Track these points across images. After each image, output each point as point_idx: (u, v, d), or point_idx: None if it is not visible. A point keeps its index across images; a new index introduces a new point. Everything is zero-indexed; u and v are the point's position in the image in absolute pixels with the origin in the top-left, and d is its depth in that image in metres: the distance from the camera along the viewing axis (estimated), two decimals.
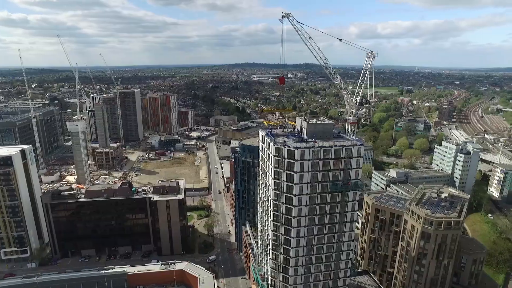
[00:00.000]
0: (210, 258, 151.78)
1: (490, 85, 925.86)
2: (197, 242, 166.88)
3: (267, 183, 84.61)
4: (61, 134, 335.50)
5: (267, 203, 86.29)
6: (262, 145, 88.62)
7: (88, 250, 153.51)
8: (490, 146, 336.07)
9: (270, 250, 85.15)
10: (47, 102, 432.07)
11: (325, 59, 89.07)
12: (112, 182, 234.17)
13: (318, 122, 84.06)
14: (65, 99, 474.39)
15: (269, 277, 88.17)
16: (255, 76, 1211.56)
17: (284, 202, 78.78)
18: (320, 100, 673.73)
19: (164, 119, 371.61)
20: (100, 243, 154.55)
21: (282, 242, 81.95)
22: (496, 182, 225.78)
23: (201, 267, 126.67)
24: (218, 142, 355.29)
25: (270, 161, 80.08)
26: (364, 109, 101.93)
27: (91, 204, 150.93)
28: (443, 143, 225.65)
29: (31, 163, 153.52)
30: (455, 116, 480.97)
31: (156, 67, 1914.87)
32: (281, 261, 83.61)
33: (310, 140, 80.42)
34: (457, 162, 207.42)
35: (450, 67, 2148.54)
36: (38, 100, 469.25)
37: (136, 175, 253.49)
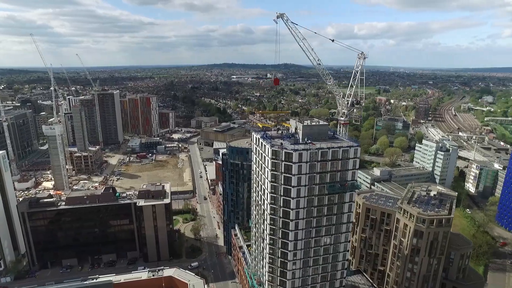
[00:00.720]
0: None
1: (460, 85, 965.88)
2: (184, 247, 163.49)
3: (263, 186, 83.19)
4: (35, 138, 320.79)
5: (262, 206, 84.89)
6: (256, 148, 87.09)
7: (70, 260, 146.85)
8: (464, 143, 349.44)
9: (267, 254, 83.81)
10: (19, 104, 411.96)
11: (318, 60, 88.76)
12: (92, 187, 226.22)
13: (313, 123, 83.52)
14: (38, 101, 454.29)
15: (266, 282, 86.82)
16: (234, 76, 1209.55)
17: (281, 205, 77.65)
18: (300, 100, 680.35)
19: (144, 121, 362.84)
20: (83, 251, 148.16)
21: (280, 246, 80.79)
22: (472, 178, 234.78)
23: (190, 273, 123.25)
24: (200, 144, 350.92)
25: (266, 164, 78.72)
26: (355, 110, 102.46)
27: (73, 212, 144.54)
28: (424, 141, 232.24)
29: (5, 169, 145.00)
30: (430, 115, 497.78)
31: (133, 67, 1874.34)
32: (279, 265, 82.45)
33: (306, 141, 79.81)
34: (437, 159, 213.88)
35: (423, 67, 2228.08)
36: (8, 102, 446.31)
37: (118, 179, 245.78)
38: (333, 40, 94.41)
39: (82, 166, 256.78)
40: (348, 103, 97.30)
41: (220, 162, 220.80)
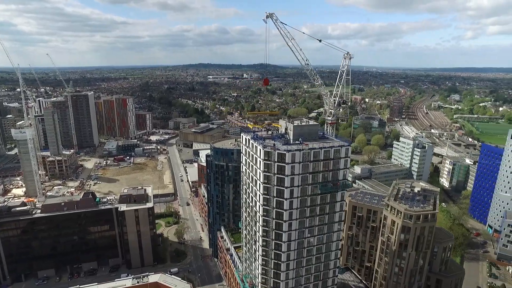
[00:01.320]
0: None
1: (429, 84, 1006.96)
2: (168, 251, 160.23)
3: (254, 188, 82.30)
4: (1, 143, 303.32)
5: (254, 208, 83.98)
6: (246, 149, 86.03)
7: (47, 271, 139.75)
8: (437, 140, 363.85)
9: (260, 256, 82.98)
10: None
11: (306, 60, 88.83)
12: (68, 192, 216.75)
13: (302, 123, 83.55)
14: (3, 103, 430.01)
15: (259, 284, 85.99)
16: (210, 76, 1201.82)
17: (274, 206, 77.07)
18: (277, 100, 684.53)
19: (120, 123, 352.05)
20: (61, 261, 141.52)
21: (273, 247, 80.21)
22: (446, 173, 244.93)
23: (177, 278, 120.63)
24: (179, 146, 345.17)
25: (258, 165, 77.87)
26: (341, 109, 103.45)
27: (49, 219, 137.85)
28: (401, 139, 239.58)
29: None
30: (404, 113, 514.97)
31: (106, 68, 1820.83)
32: (272, 267, 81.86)
33: (297, 142, 79.74)
34: (414, 156, 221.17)
35: (395, 66, 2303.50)
36: None
37: (95, 183, 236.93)
38: (320, 40, 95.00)
39: (56, 171, 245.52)
40: (335, 103, 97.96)
41: (203, 164, 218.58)
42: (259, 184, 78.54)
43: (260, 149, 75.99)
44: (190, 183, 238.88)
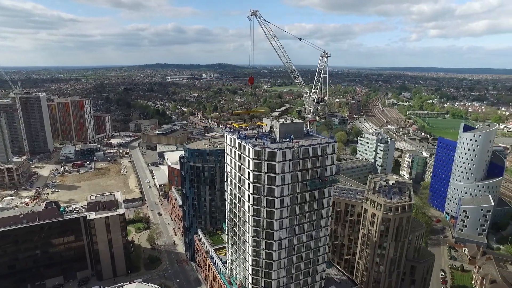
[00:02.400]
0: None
1: (382, 82, 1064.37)
2: (141, 258, 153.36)
3: (242, 188, 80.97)
4: None
5: (242, 208, 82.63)
6: (231, 149, 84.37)
7: None
8: (394, 135, 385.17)
9: (250, 257, 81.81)
10: None
11: (288, 58, 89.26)
12: (22, 203, 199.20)
13: (287, 121, 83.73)
14: None
15: (249, 284, 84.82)
16: (169, 77, 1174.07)
17: (265, 205, 76.35)
18: (239, 100, 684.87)
19: (77, 126, 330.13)
20: (20, 279, 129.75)
21: (264, 247, 79.48)
22: (406, 166, 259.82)
23: (154, 285, 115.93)
24: (142, 148, 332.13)
25: (247, 165, 76.69)
26: (319, 107, 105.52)
27: (5, 234, 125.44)
28: (365, 135, 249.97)
29: None
30: (362, 110, 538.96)
31: (54, 68, 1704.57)
32: (263, 266, 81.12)
33: (284, 140, 79.79)
34: (378, 151, 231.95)
35: (349, 66, 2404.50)
36: None
37: (53, 192, 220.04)
38: (300, 39, 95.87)
39: (6, 181, 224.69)
40: (314, 101, 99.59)
41: (173, 166, 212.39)
42: (248, 183, 77.39)
43: (249, 148, 74.87)
44: (158, 186, 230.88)
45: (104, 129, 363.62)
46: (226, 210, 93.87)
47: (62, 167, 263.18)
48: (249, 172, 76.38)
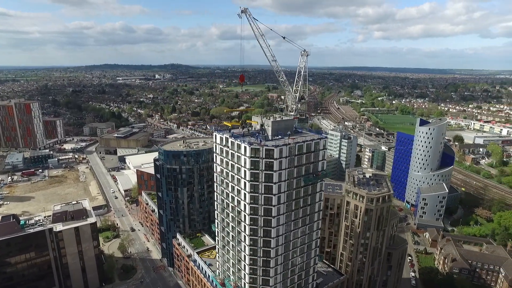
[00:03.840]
0: None
1: (334, 81, 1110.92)
2: (115, 268, 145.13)
3: (237, 187, 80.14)
4: None
5: (237, 208, 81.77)
6: (223, 148, 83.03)
7: None
8: (351, 131, 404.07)
9: (247, 256, 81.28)
10: None
11: (273, 57, 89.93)
12: None
13: (278, 119, 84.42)
14: None
15: (246, 284, 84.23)
16: (120, 78, 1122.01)
17: (262, 203, 76.35)
18: (196, 100, 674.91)
19: (24, 131, 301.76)
20: None
21: (261, 245, 79.41)
22: (367, 159, 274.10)
23: None
24: (100, 153, 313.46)
25: (243, 163, 76.10)
26: (299, 105, 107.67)
27: None
28: (329, 131, 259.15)
29: None
30: (319, 108, 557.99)
31: None
32: (261, 265, 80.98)
33: (276, 137, 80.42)
34: (342, 147, 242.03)
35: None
36: None
37: (1, 204, 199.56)
38: (284, 38, 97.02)
39: None
40: (296, 98, 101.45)
41: (142, 170, 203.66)
42: (244, 182, 76.85)
43: (245, 147, 74.34)
44: (123, 192, 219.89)
45: (55, 134, 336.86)
46: (216, 211, 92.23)
47: (10, 177, 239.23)
48: (245, 171, 75.86)
